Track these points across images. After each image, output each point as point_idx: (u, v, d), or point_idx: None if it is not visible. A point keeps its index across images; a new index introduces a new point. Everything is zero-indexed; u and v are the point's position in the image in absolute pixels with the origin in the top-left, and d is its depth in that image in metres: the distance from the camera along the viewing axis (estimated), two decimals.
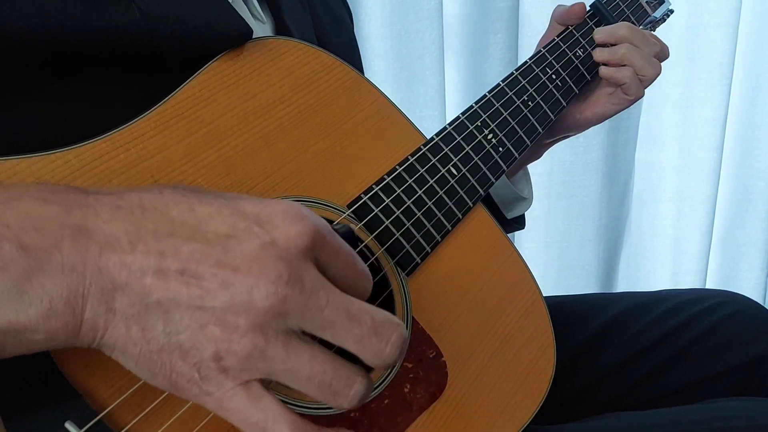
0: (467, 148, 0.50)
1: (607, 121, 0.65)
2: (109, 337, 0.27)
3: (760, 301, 1.12)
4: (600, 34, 0.60)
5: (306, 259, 0.28)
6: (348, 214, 0.43)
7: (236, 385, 0.27)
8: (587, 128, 0.64)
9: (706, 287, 1.32)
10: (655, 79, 0.60)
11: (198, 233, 0.27)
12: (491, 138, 0.52)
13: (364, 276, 0.30)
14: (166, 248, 0.27)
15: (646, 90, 0.61)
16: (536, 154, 0.68)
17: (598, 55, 0.59)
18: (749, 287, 1.33)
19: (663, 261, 1.31)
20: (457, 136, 0.50)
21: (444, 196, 0.47)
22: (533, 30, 1.08)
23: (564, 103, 0.58)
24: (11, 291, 0.25)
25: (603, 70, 0.59)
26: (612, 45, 0.60)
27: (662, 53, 0.62)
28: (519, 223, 0.69)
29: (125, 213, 0.27)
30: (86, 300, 0.26)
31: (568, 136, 0.66)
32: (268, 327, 0.27)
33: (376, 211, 0.44)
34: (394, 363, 0.28)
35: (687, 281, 1.30)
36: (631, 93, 0.59)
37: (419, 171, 0.47)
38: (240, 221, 0.28)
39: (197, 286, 0.27)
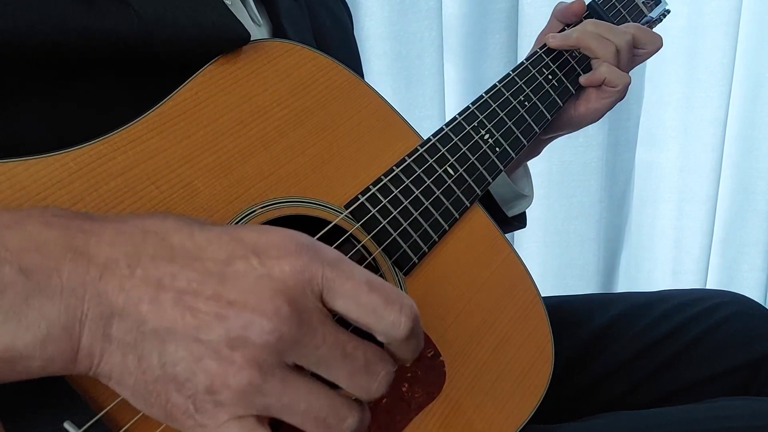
0: (464, 149, 0.50)
1: (607, 121, 0.65)
2: (105, 365, 0.27)
3: (760, 301, 1.11)
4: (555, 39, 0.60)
5: (304, 292, 0.27)
6: (345, 215, 0.43)
7: (230, 419, 0.27)
8: (584, 125, 0.64)
9: (707, 287, 1.32)
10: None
11: (196, 260, 0.27)
12: (488, 138, 0.52)
13: (390, 301, 0.28)
14: (163, 275, 0.27)
15: (646, 90, 0.61)
16: (535, 151, 0.68)
17: (581, 79, 0.59)
18: (749, 287, 1.33)
19: (663, 261, 1.31)
20: (454, 137, 0.50)
21: (441, 196, 0.47)
22: (533, 30, 1.08)
23: (560, 103, 0.58)
24: (9, 314, 0.25)
25: (582, 79, 0.60)
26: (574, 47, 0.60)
27: (647, 43, 0.61)
28: (520, 221, 0.69)
29: (127, 237, 0.27)
30: (83, 325, 0.26)
31: (565, 133, 0.66)
32: (265, 362, 0.26)
33: (373, 211, 0.44)
34: (379, 396, 0.28)
35: (687, 281, 1.30)
36: (615, 83, 0.59)
37: (416, 171, 0.47)
38: (238, 248, 0.28)
39: (193, 317, 0.26)
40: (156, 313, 0.26)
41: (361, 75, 0.51)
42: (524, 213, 0.69)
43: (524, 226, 0.70)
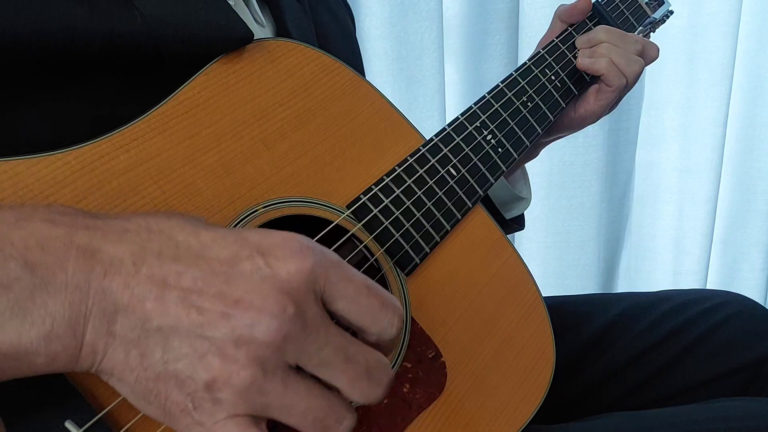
0: (466, 149, 0.50)
1: (607, 121, 0.65)
2: (108, 362, 0.27)
3: (760, 301, 1.12)
4: (580, 40, 0.61)
5: (308, 293, 0.27)
6: (347, 215, 0.43)
7: (227, 418, 0.27)
8: (582, 127, 0.64)
9: (707, 288, 1.32)
10: (636, 74, 0.60)
11: (202, 259, 0.27)
12: (490, 139, 0.52)
13: (385, 305, 0.29)
14: (168, 273, 0.27)
15: (646, 90, 0.61)
16: (533, 153, 0.68)
17: (581, 62, 0.60)
18: (750, 287, 1.33)
19: (663, 261, 1.31)
20: (456, 137, 0.50)
21: (443, 196, 0.47)
22: (533, 31, 1.08)
23: (563, 104, 0.58)
24: (14, 309, 0.25)
25: (580, 61, 0.59)
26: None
27: (647, 52, 0.62)
28: (518, 223, 0.69)
29: (132, 235, 0.28)
30: (87, 321, 0.26)
31: (564, 135, 0.66)
32: (268, 361, 0.27)
33: (375, 211, 0.44)
34: (377, 402, 0.29)
35: (688, 281, 1.30)
36: (612, 83, 0.59)
37: (418, 172, 0.47)
38: (243, 249, 0.28)
39: (198, 314, 0.26)
40: (161, 310, 0.26)
41: (363, 76, 0.51)
42: (522, 215, 0.69)
43: (522, 228, 0.70)
